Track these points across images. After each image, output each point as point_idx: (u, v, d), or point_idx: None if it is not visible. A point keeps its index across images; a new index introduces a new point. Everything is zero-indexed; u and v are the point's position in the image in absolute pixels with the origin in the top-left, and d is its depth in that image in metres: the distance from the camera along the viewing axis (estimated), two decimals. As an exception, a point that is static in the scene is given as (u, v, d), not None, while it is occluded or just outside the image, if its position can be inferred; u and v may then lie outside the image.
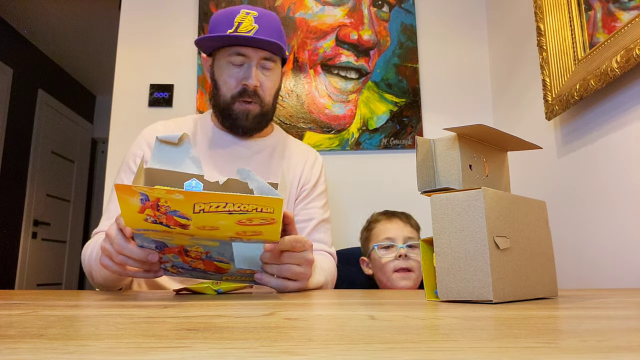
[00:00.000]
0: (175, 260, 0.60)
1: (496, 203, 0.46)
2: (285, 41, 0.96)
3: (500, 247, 0.45)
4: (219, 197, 0.49)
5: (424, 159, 0.50)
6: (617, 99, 0.97)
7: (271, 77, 0.95)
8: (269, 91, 0.95)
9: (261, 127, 0.98)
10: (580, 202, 1.10)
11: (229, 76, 0.92)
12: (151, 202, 0.49)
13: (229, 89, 0.93)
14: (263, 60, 0.92)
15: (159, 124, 1.01)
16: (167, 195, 0.48)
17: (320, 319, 0.32)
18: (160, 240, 0.56)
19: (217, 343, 0.22)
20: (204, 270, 0.62)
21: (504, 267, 0.45)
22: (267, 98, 0.95)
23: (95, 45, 3.49)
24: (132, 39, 1.69)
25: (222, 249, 0.57)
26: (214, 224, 0.52)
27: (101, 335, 0.24)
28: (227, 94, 0.93)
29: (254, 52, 0.91)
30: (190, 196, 0.48)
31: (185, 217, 0.50)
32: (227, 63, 0.92)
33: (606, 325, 0.28)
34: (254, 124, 0.95)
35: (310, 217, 1.00)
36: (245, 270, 0.61)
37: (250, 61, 0.91)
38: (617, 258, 0.97)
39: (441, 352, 0.20)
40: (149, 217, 0.51)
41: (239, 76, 0.92)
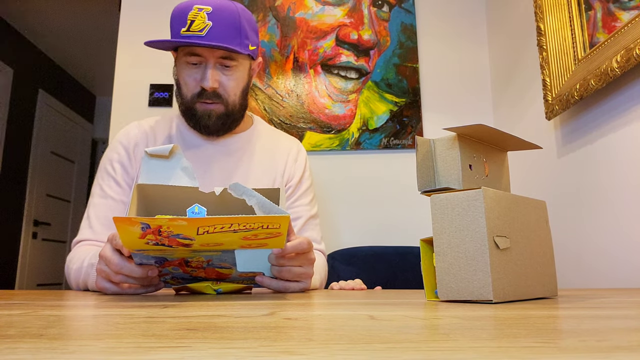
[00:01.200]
0: (175, 272, 0.59)
1: (496, 203, 0.46)
2: (246, 34, 0.88)
3: (500, 247, 0.45)
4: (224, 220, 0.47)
5: (424, 159, 0.50)
6: (617, 99, 0.97)
7: (233, 76, 0.90)
8: (232, 90, 0.90)
9: (228, 126, 0.93)
10: (580, 202, 1.10)
11: (187, 76, 0.89)
12: (152, 229, 0.47)
13: (189, 90, 0.89)
14: (221, 59, 0.87)
15: (132, 125, 0.98)
16: (169, 223, 0.46)
17: (320, 319, 0.32)
18: (161, 256, 0.54)
19: (217, 343, 0.22)
20: (205, 278, 0.61)
21: (504, 267, 0.45)
22: (232, 97, 0.90)
23: (95, 45, 3.49)
24: (132, 39, 1.69)
25: (225, 256, 0.56)
26: (218, 241, 0.51)
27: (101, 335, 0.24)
28: (187, 94, 0.90)
29: (209, 52, 0.86)
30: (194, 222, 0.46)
31: (188, 238, 0.49)
32: (185, 63, 0.89)
33: (606, 325, 0.28)
34: (219, 124, 0.91)
35: (297, 215, 0.98)
36: (247, 273, 0.60)
37: (207, 62, 0.87)
38: (617, 258, 0.97)
39: (441, 352, 0.20)
40: (150, 241, 0.50)
41: (197, 77, 0.88)
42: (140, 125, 0.98)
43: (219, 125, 0.91)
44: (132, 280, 0.59)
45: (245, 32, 0.88)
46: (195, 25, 0.82)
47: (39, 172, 3.46)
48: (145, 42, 0.84)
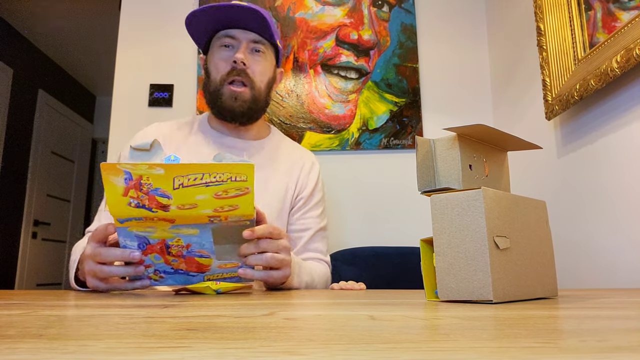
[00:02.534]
0: (158, 263, 0.61)
1: (496, 203, 0.46)
2: (274, 29, 0.95)
3: (500, 247, 0.45)
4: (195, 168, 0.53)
5: (424, 159, 0.50)
6: (617, 99, 0.97)
7: (261, 62, 0.94)
8: (260, 76, 0.94)
9: (251, 114, 0.95)
10: (580, 202, 1.10)
11: (219, 58, 0.93)
12: (134, 180, 0.52)
13: (219, 71, 0.93)
14: (252, 43, 0.93)
15: (151, 126, 1.00)
16: (148, 171, 0.52)
17: (320, 319, 0.32)
18: (143, 235, 0.58)
19: (217, 343, 0.22)
20: (186, 272, 0.63)
21: (504, 267, 0.45)
22: (258, 83, 0.94)
23: (95, 45, 3.49)
24: (132, 39, 1.69)
25: (202, 238, 0.59)
26: (193, 201, 0.54)
27: (101, 335, 0.24)
28: (216, 77, 0.93)
29: (243, 34, 0.93)
30: (170, 169, 0.52)
31: (166, 195, 0.54)
32: (218, 47, 0.94)
33: (606, 325, 0.28)
34: (244, 108, 0.93)
35: (307, 227, 0.99)
36: (226, 264, 0.63)
37: (240, 42, 0.93)
38: (617, 258, 0.97)
39: (441, 352, 0.20)
40: (132, 200, 0.54)
41: (229, 56, 0.92)
42: (160, 126, 1.00)
43: (244, 109, 0.93)
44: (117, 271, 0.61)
45: (274, 27, 0.95)
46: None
47: (39, 172, 3.46)
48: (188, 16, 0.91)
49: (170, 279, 0.64)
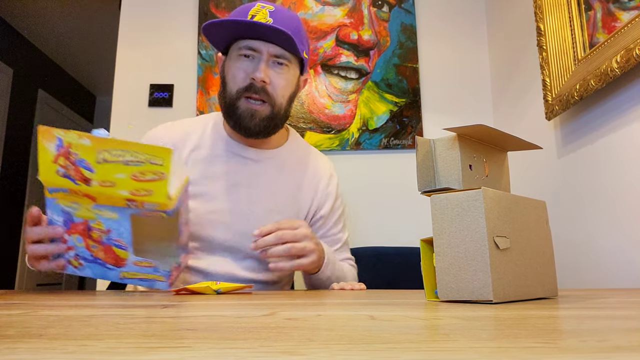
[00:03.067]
0: (79, 246, 0.63)
1: (496, 203, 0.46)
2: (303, 40, 0.88)
3: (500, 247, 0.45)
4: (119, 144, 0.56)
5: (424, 159, 0.50)
6: (617, 99, 0.97)
7: (283, 76, 0.86)
8: (281, 91, 0.86)
9: (268, 131, 0.88)
10: (580, 202, 1.10)
11: (237, 68, 0.85)
12: (64, 148, 0.56)
13: (236, 83, 0.85)
14: (274, 57, 0.85)
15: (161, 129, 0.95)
16: (77, 140, 0.56)
17: (320, 319, 0.32)
18: (68, 210, 0.61)
19: (217, 343, 0.22)
20: (104, 262, 0.64)
21: (504, 267, 0.45)
22: (279, 99, 0.86)
23: (95, 45, 3.49)
24: (132, 39, 1.69)
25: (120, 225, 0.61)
26: (113, 179, 0.58)
27: (101, 335, 0.24)
28: (233, 89, 0.85)
29: (265, 46, 0.83)
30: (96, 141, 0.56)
31: (89, 168, 0.57)
32: (237, 56, 0.85)
33: (606, 325, 0.28)
34: (261, 127, 0.86)
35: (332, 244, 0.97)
36: (142, 262, 0.64)
37: (261, 55, 0.84)
38: (617, 258, 0.97)
39: (441, 352, 0.20)
40: (60, 169, 0.57)
41: (248, 69, 0.84)
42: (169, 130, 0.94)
43: (261, 128, 0.86)
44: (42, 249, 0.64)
45: (302, 38, 0.87)
46: (257, 18, 0.82)
47: (39, 172, 3.46)
48: (205, 25, 0.82)
49: (88, 269, 0.65)
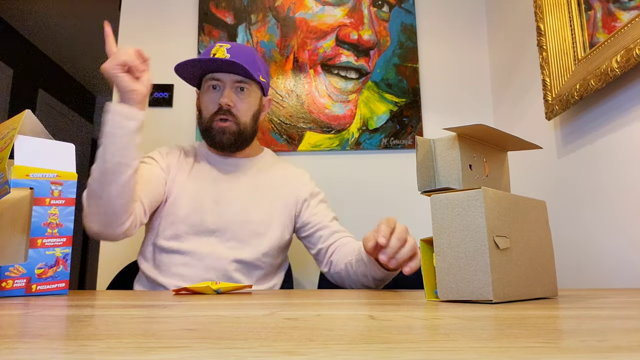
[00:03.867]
0: None
1: (496, 203, 0.46)
2: (259, 68, 1.07)
3: (500, 247, 0.45)
4: None
5: (424, 159, 0.50)
6: (617, 99, 0.97)
7: (245, 100, 1.05)
8: (244, 112, 1.05)
9: (239, 144, 1.07)
10: (580, 202, 1.10)
11: (208, 99, 1.05)
12: None
13: (208, 110, 1.05)
14: (236, 83, 1.04)
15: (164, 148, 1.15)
16: None
17: (320, 319, 0.32)
18: None
19: (217, 343, 0.22)
20: None
21: (504, 267, 0.45)
22: (243, 118, 1.05)
23: (95, 45, 3.49)
24: (132, 39, 1.69)
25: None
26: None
27: (101, 335, 0.24)
28: (207, 115, 1.05)
29: (227, 76, 1.03)
30: None
31: None
32: (207, 88, 1.06)
33: (606, 325, 0.28)
34: (231, 140, 1.05)
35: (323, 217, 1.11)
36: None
37: (224, 84, 1.04)
38: (617, 258, 0.97)
39: (441, 352, 0.20)
40: None
41: (215, 97, 1.04)
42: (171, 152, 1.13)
43: (231, 141, 1.05)
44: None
45: (257, 65, 1.06)
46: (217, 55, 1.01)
47: (39, 172, 3.46)
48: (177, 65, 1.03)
49: None
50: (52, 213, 0.61)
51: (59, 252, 0.61)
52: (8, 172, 0.58)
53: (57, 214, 0.62)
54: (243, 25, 1.67)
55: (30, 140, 0.62)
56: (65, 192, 0.63)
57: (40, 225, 0.60)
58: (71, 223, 0.63)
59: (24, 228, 0.61)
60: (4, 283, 0.56)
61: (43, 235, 0.60)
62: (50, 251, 0.60)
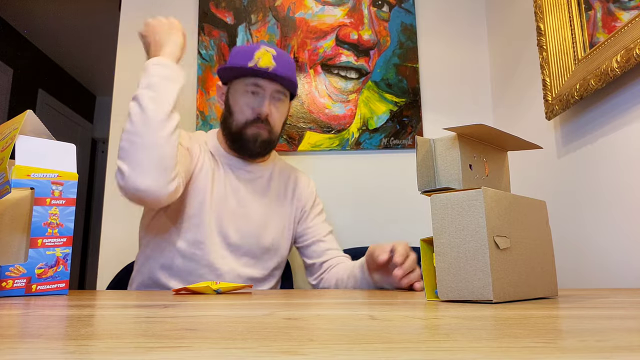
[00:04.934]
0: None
1: (496, 203, 0.46)
2: (296, 79, 1.07)
3: (500, 246, 0.45)
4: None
5: (424, 158, 0.50)
6: (617, 99, 0.97)
7: (280, 109, 1.06)
8: (278, 121, 1.06)
9: (266, 152, 1.08)
10: (580, 202, 1.10)
11: (245, 104, 1.02)
12: None
13: (244, 115, 1.02)
14: (276, 92, 1.03)
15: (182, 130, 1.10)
16: None
17: (320, 319, 0.32)
18: None
19: (217, 343, 0.22)
20: None
21: (504, 267, 0.45)
22: (276, 127, 1.05)
23: (95, 45, 3.49)
24: (132, 39, 1.69)
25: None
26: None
27: (101, 335, 0.24)
28: (241, 120, 1.03)
29: (269, 84, 1.02)
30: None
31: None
32: (244, 92, 1.02)
33: (606, 325, 0.28)
34: (261, 148, 1.05)
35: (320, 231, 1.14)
36: None
37: (265, 92, 1.02)
38: (617, 258, 0.97)
39: (441, 352, 0.20)
40: None
41: (254, 105, 1.02)
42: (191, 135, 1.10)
43: (261, 149, 1.05)
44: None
45: (296, 77, 1.08)
46: (263, 62, 1.00)
47: (39, 172, 3.46)
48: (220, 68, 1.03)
49: None
50: (52, 213, 0.61)
51: (59, 252, 0.61)
52: (9, 172, 0.58)
53: (58, 214, 0.62)
54: (243, 25, 1.67)
55: (31, 141, 0.62)
56: (65, 192, 0.63)
57: (40, 225, 0.60)
58: (71, 223, 0.63)
59: (25, 228, 0.61)
60: (4, 283, 0.56)
61: (43, 235, 0.60)
62: (51, 251, 0.60)
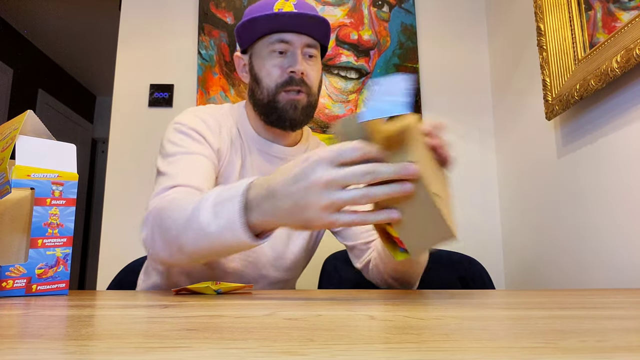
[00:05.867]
0: None
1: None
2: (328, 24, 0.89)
3: (439, 195, 0.48)
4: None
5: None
6: (617, 99, 0.97)
7: (315, 67, 0.88)
8: (315, 81, 0.88)
9: (308, 119, 0.89)
10: (580, 202, 1.10)
11: (272, 66, 0.84)
12: None
13: (273, 79, 0.84)
14: (307, 47, 0.86)
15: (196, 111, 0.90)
16: None
17: (320, 319, 0.32)
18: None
19: (217, 343, 0.22)
20: None
21: (447, 210, 0.50)
22: (314, 89, 0.87)
23: (95, 45, 3.49)
24: (132, 39, 1.69)
25: None
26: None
27: (101, 335, 0.24)
28: (271, 85, 0.85)
29: (298, 38, 0.84)
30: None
31: None
32: (269, 52, 0.85)
33: (606, 325, 0.28)
34: (303, 115, 0.86)
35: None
36: None
37: (294, 48, 0.84)
38: (617, 258, 0.97)
39: (441, 352, 0.20)
40: None
41: (284, 64, 0.84)
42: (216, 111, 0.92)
43: (302, 117, 0.86)
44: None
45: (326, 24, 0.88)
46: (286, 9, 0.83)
47: (39, 172, 3.46)
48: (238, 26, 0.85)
49: None
50: (52, 213, 0.61)
51: (60, 252, 0.61)
52: (9, 172, 0.58)
53: (58, 214, 0.62)
54: (243, 25, 1.67)
55: (31, 141, 0.62)
56: (66, 193, 0.63)
57: (40, 225, 0.60)
58: (72, 223, 0.63)
59: (25, 228, 0.61)
60: (4, 283, 0.56)
61: (43, 236, 0.60)
62: (51, 251, 0.60)
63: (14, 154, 0.59)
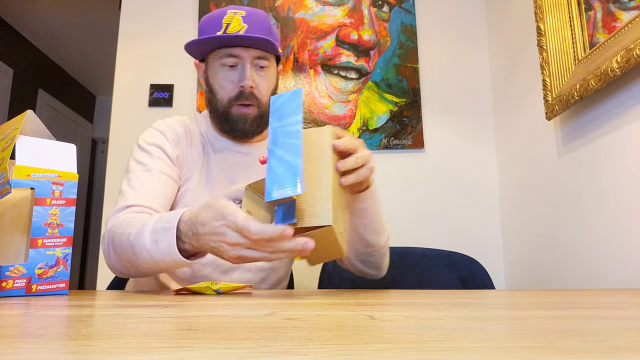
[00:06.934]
0: None
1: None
2: (276, 38, 0.93)
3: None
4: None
5: None
6: (617, 99, 0.97)
7: (266, 77, 0.91)
8: (266, 92, 0.91)
9: (260, 129, 0.94)
10: (580, 202, 1.10)
11: (223, 79, 0.89)
12: None
13: (226, 93, 0.90)
14: (256, 59, 0.89)
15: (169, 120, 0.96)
16: None
17: (320, 319, 0.32)
18: None
19: (217, 343, 0.22)
20: None
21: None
22: (264, 99, 0.91)
23: (95, 45, 3.49)
24: (132, 39, 1.69)
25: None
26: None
27: (101, 335, 0.24)
28: (224, 98, 0.90)
29: (246, 52, 0.88)
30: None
31: None
32: (220, 66, 0.90)
33: (607, 325, 0.28)
34: (253, 127, 0.92)
35: None
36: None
37: (244, 62, 0.88)
38: (617, 258, 0.97)
39: (441, 352, 0.20)
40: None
41: (234, 78, 0.89)
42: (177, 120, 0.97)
43: (254, 128, 0.92)
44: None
45: (275, 35, 0.93)
46: (232, 27, 0.86)
47: (39, 172, 3.46)
48: (187, 44, 0.88)
49: None
50: (52, 213, 0.61)
51: (60, 252, 0.61)
52: (9, 172, 0.58)
53: (58, 214, 0.62)
54: (243, 25, 1.67)
55: (31, 141, 0.62)
56: (66, 193, 0.63)
57: (40, 225, 0.60)
58: (72, 223, 0.63)
59: (25, 228, 0.61)
60: (4, 283, 0.56)
61: (44, 236, 0.60)
62: (51, 251, 0.60)
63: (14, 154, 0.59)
